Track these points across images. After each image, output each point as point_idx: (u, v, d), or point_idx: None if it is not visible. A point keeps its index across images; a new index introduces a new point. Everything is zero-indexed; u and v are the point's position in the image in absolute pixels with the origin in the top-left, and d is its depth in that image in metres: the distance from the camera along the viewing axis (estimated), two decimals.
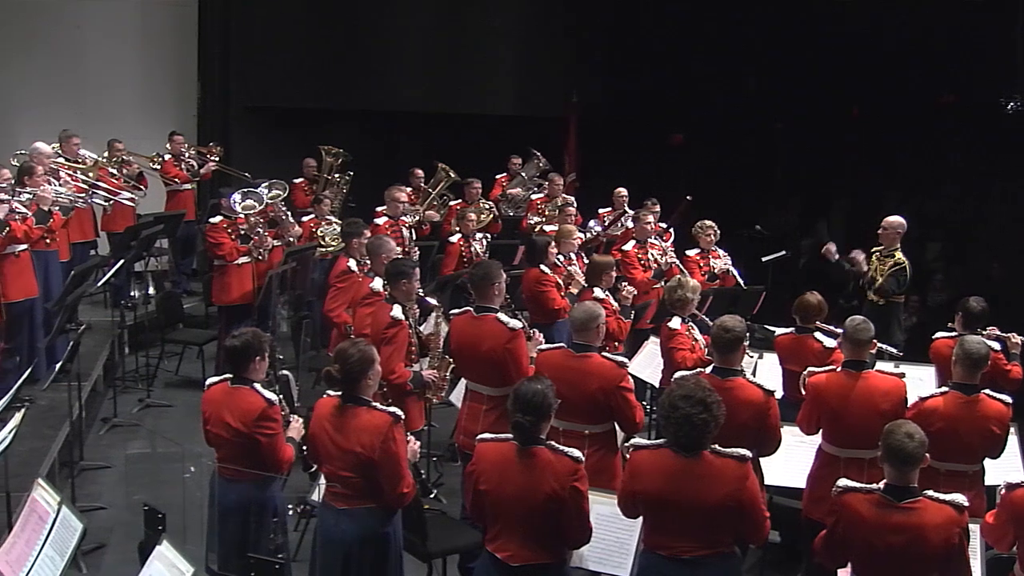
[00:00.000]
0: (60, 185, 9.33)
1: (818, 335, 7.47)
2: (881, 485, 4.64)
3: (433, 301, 7.66)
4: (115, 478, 8.04)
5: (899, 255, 9.59)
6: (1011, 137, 13.06)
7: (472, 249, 10.65)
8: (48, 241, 8.81)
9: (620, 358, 6.25)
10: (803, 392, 6.38)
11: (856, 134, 15.00)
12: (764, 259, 11.09)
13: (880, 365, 6.83)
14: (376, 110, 15.25)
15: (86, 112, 13.31)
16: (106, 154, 11.60)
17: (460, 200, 12.32)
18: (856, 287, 10.05)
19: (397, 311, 6.87)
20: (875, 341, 6.56)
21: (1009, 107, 13.20)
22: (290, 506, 6.46)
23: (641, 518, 4.98)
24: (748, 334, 6.30)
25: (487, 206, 12.21)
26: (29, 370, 7.08)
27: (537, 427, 4.78)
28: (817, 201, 15.52)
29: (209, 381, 5.72)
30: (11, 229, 7.66)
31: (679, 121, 15.75)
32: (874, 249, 9.78)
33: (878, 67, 14.08)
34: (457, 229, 10.99)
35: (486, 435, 5.06)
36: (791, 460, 6.40)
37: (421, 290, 7.39)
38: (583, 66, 15.72)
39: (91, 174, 10.56)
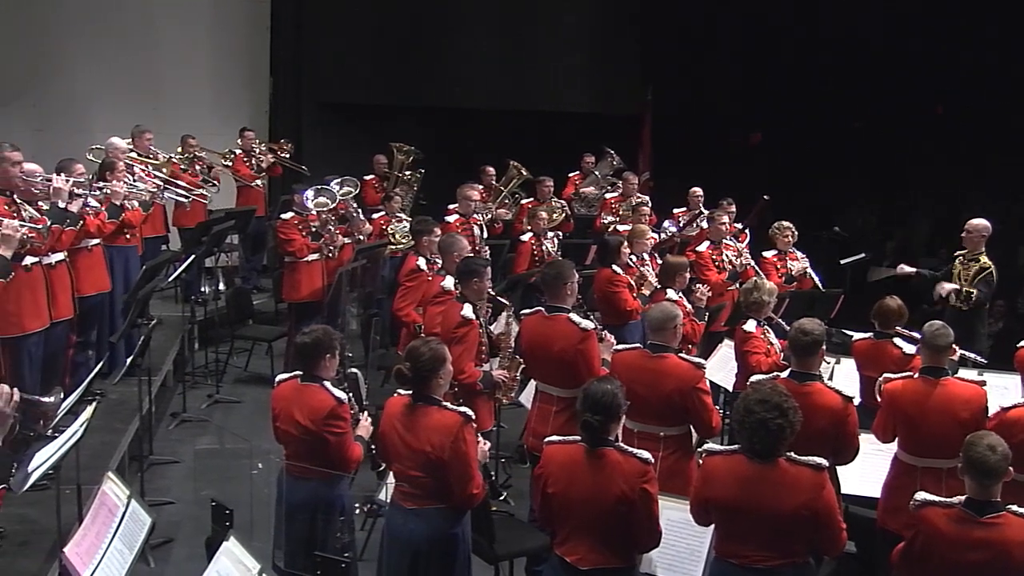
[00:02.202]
0: (136, 180, 9.39)
1: (897, 340, 7.30)
2: (961, 499, 4.50)
3: (504, 301, 7.59)
4: (183, 473, 8.07)
5: (984, 259, 9.33)
6: None
7: (543, 248, 10.59)
8: (128, 236, 8.86)
9: (697, 359, 6.22)
10: (879, 399, 6.25)
11: (940, 132, 14.63)
12: (843, 261, 10.94)
13: (962, 372, 6.72)
14: (448, 107, 15.24)
15: (160, 108, 13.46)
16: (179, 149, 11.70)
17: (532, 198, 12.29)
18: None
19: (468, 310, 6.85)
20: (956, 347, 6.40)
21: None
22: (357, 505, 6.42)
23: (713, 525, 4.88)
24: (826, 338, 6.16)
25: (559, 205, 12.14)
26: (101, 364, 7.10)
27: (606, 427, 4.71)
28: (898, 202, 15.19)
29: (279, 377, 5.70)
30: (84, 224, 7.70)
31: (757, 119, 15.50)
32: (958, 253, 9.52)
33: (962, 63, 13.75)
34: (529, 228, 10.93)
35: (554, 437, 5.01)
36: (867, 469, 6.27)
37: (492, 289, 7.32)
38: (659, 63, 15.54)
39: (164, 169, 10.63)
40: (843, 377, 7.46)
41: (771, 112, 15.17)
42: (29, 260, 6.93)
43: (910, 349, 7.13)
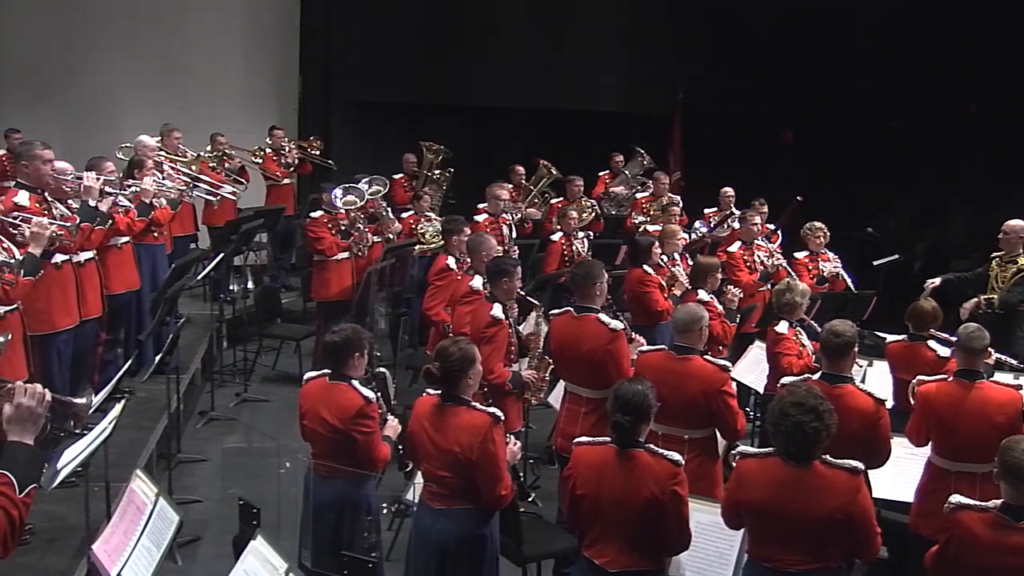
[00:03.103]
0: (165, 178, 9.41)
1: (932, 343, 7.20)
2: (997, 503, 4.44)
3: (534, 300, 7.56)
4: (211, 471, 8.08)
5: (1022, 261, 9.17)
6: None
7: (573, 248, 10.55)
8: (156, 234, 8.89)
9: (722, 362, 6.19)
10: (912, 402, 6.19)
11: (975, 131, 14.45)
12: (876, 263, 10.83)
13: (998, 376, 6.61)
14: (477, 105, 15.17)
15: (190, 106, 13.54)
16: (208, 147, 11.73)
17: (562, 198, 12.24)
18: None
19: (497, 310, 6.84)
20: (991, 350, 6.33)
21: None
22: (384, 505, 6.41)
23: (743, 529, 4.84)
24: (859, 340, 6.10)
25: (589, 204, 12.09)
26: (130, 362, 7.11)
27: (636, 428, 4.70)
28: (933, 203, 15.02)
29: (307, 376, 5.70)
30: (114, 222, 7.72)
31: (789, 119, 15.38)
32: (994, 255, 9.38)
33: (997, 61, 13.59)
34: (558, 227, 10.89)
35: (583, 438, 5.00)
36: (899, 472, 6.22)
37: (521, 289, 7.28)
38: (690, 62, 15.42)
39: (193, 167, 10.65)
40: (875, 380, 7.39)
41: (803, 111, 15.02)
42: (59, 258, 6.95)
43: (944, 352, 7.03)
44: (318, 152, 13.03)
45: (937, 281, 9.37)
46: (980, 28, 13.90)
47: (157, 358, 7.41)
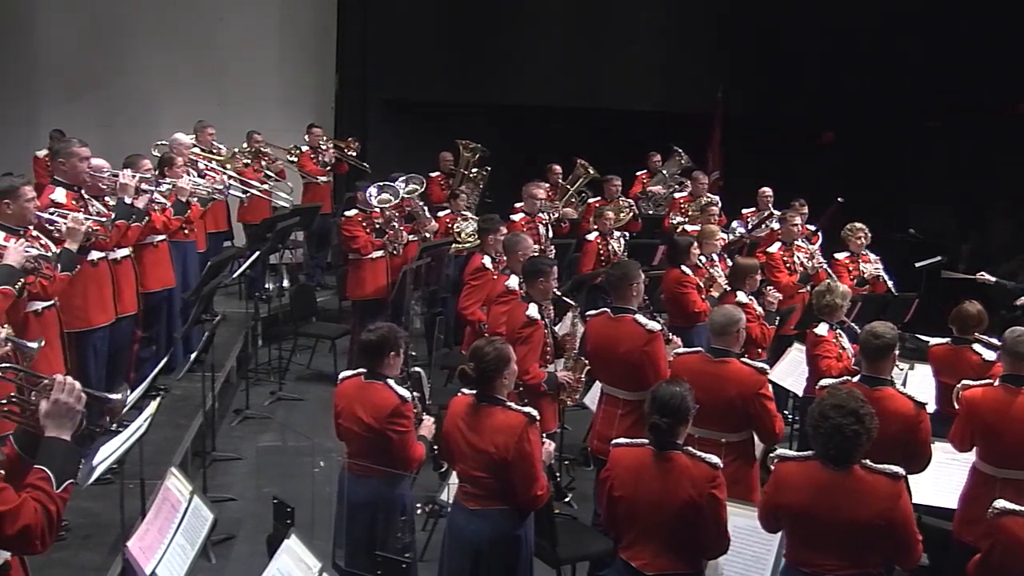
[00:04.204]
0: (199, 176, 9.43)
1: (977, 347, 7.10)
2: None
3: (570, 301, 7.50)
4: (246, 470, 8.07)
5: None
6: None
7: (610, 248, 10.48)
8: (187, 232, 8.91)
9: (760, 364, 6.14)
10: (957, 407, 6.09)
11: (1020, 131, 14.25)
12: (918, 264, 10.73)
13: None
14: (515, 104, 15.14)
15: (226, 104, 13.61)
16: (245, 145, 11.75)
17: (599, 197, 12.18)
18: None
19: (533, 310, 6.80)
20: None
21: None
22: (418, 505, 6.38)
23: (780, 532, 4.80)
24: (899, 343, 6.04)
25: (627, 204, 12.02)
26: (165, 359, 7.12)
27: (674, 430, 4.67)
28: (975, 203, 14.83)
29: (343, 375, 5.69)
30: (150, 219, 7.75)
31: (829, 118, 15.23)
32: None
33: None
34: (595, 227, 10.82)
35: (621, 440, 4.97)
36: (941, 478, 6.17)
37: (557, 289, 7.24)
38: (729, 60, 15.32)
39: (228, 165, 10.67)
40: (917, 383, 7.31)
41: (844, 110, 14.88)
42: (95, 255, 6.99)
43: (990, 355, 6.94)
44: (355, 153, 13.02)
45: (990, 278, 9.26)
46: (1020, 25, 13.72)
47: (192, 356, 7.41)
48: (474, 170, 13.02)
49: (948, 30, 14.25)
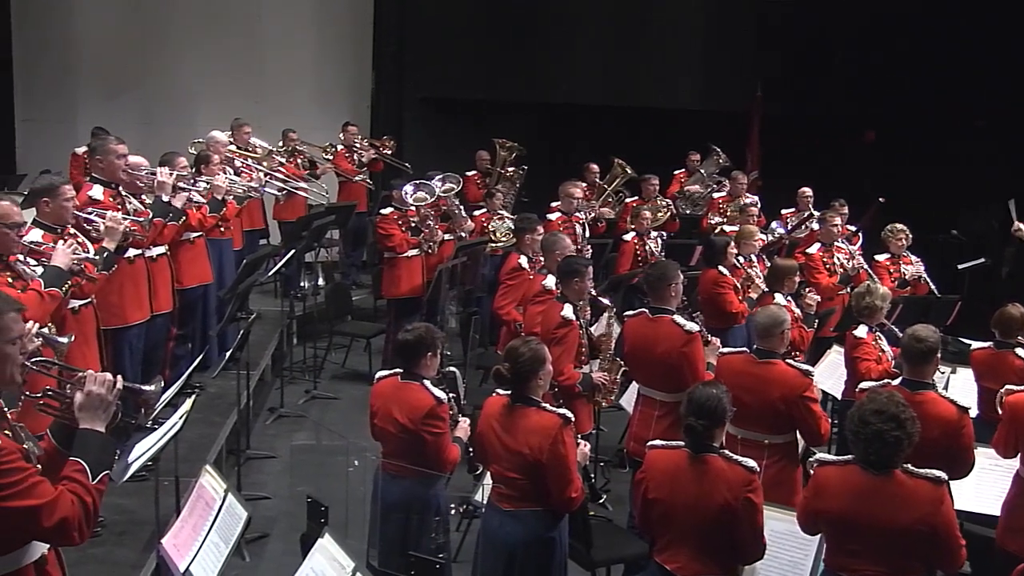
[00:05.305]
0: (235, 174, 9.45)
1: (1020, 351, 7.00)
2: None
3: (605, 301, 7.46)
4: (280, 468, 8.07)
5: None
6: None
7: (647, 248, 10.44)
8: (222, 229, 8.93)
9: (805, 366, 6.11)
10: (1000, 412, 6.01)
11: None
12: (961, 266, 10.61)
13: None
14: (552, 102, 15.09)
15: (262, 102, 13.65)
16: (280, 143, 11.77)
17: (636, 197, 12.12)
18: None
19: (568, 311, 6.75)
20: None
21: None
22: (453, 506, 6.32)
23: (817, 537, 4.77)
24: (941, 346, 5.96)
25: (664, 203, 11.96)
26: (200, 357, 7.13)
27: (710, 433, 4.62)
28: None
29: (379, 374, 5.69)
30: (187, 217, 7.77)
31: (871, 117, 15.07)
32: None
33: None
34: (632, 227, 10.76)
35: (657, 442, 4.93)
36: (984, 484, 6.09)
37: (593, 289, 7.20)
38: (768, 58, 15.18)
39: (264, 163, 10.68)
40: (959, 387, 7.23)
41: (886, 109, 14.71)
42: (132, 252, 7.00)
43: None
44: (390, 152, 13.01)
45: None
46: None
47: (228, 354, 7.42)
48: (510, 169, 12.99)
49: (994, 28, 14.07)
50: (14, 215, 5.40)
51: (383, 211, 9.92)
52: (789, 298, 8.03)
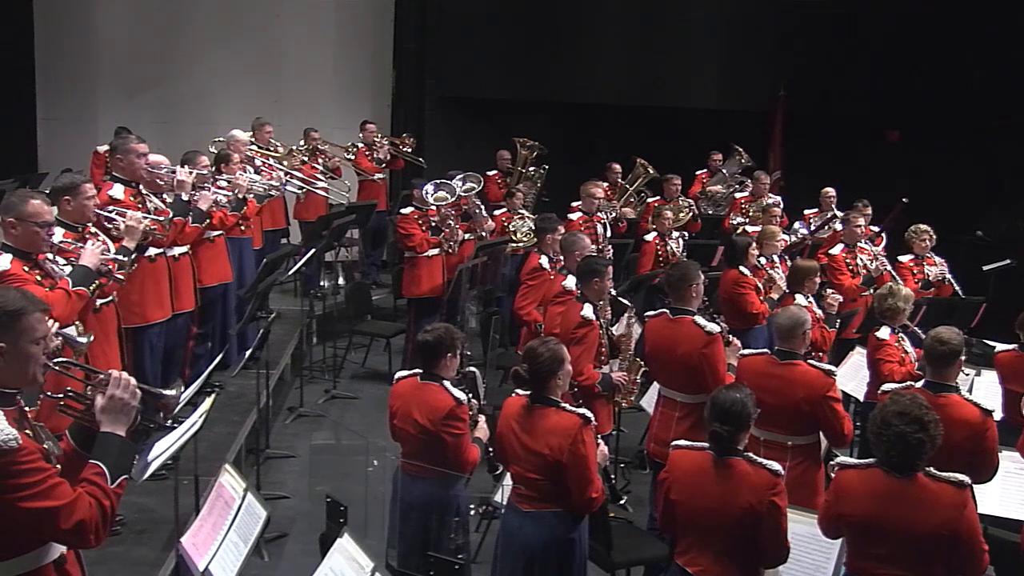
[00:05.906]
0: (255, 173, 9.45)
1: None
2: None
3: (626, 301, 7.43)
4: (299, 468, 8.08)
5: None
6: None
7: (668, 248, 10.42)
8: (243, 228, 8.94)
9: (828, 367, 6.08)
10: None
11: None
12: (985, 268, 10.52)
13: None
14: (573, 102, 15.06)
15: (283, 100, 13.67)
16: (301, 142, 11.78)
17: (658, 197, 12.09)
18: None
19: (588, 311, 6.74)
20: None
21: None
22: (472, 506, 6.31)
23: (839, 541, 4.74)
24: (965, 348, 5.91)
25: (686, 204, 11.94)
26: (220, 356, 7.14)
27: (735, 437, 4.60)
28: None
29: (399, 375, 5.67)
30: (210, 218, 7.78)
31: (894, 117, 14.96)
32: None
33: None
34: (653, 227, 10.73)
35: (681, 442, 4.89)
36: (1009, 488, 6.05)
37: (614, 289, 7.19)
38: (791, 57, 15.09)
39: (285, 162, 10.70)
40: (983, 390, 7.18)
41: (910, 109, 14.61)
42: (153, 251, 7.02)
43: None
44: (410, 150, 13.01)
45: None
46: None
47: (247, 353, 7.42)
48: (532, 168, 12.99)
49: (1019, 28, 13.94)
50: (44, 214, 5.36)
51: (404, 211, 9.90)
52: (810, 299, 7.98)
